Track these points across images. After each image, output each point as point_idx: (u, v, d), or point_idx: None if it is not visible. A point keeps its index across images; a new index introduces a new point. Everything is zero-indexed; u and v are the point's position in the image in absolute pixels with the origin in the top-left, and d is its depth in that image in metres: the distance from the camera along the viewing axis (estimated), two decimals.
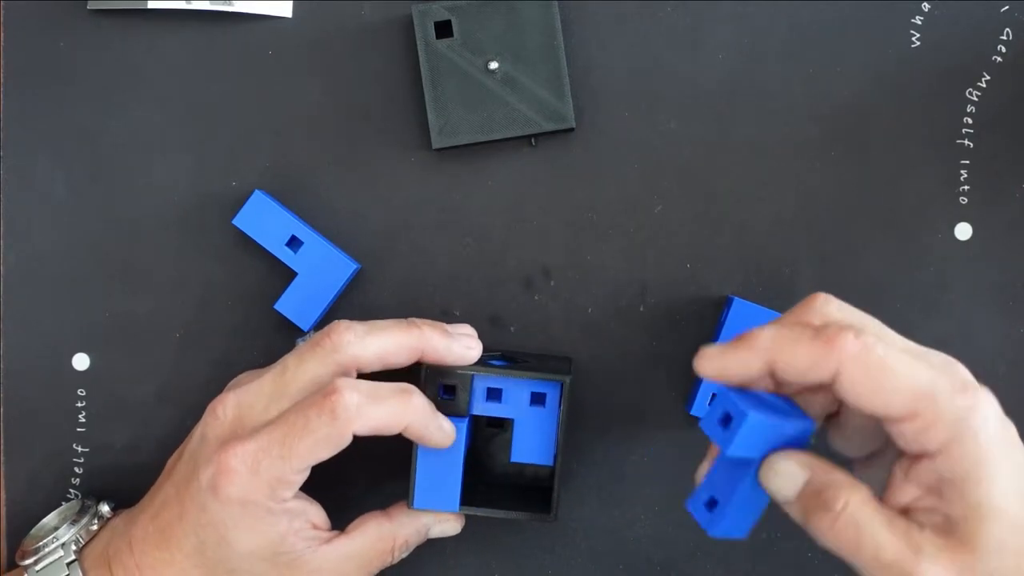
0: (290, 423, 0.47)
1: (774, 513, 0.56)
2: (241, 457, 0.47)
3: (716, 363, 0.45)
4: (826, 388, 0.44)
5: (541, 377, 0.52)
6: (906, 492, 0.43)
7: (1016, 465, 0.42)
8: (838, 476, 0.43)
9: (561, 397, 0.52)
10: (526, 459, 0.53)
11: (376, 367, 0.50)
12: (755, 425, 0.42)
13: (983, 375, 0.56)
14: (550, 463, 0.53)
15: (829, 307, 0.45)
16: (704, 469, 0.46)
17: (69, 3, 0.56)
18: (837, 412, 0.47)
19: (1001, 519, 0.41)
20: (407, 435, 0.49)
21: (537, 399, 0.53)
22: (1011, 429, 0.43)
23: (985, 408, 0.42)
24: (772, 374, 0.44)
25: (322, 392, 0.47)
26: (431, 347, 0.50)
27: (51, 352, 0.57)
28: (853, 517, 0.42)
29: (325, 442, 0.47)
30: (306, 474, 0.48)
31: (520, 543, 0.57)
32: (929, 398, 0.42)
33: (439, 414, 0.50)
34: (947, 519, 0.42)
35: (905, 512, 0.43)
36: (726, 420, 0.43)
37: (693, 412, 0.54)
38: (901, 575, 0.41)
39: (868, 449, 0.47)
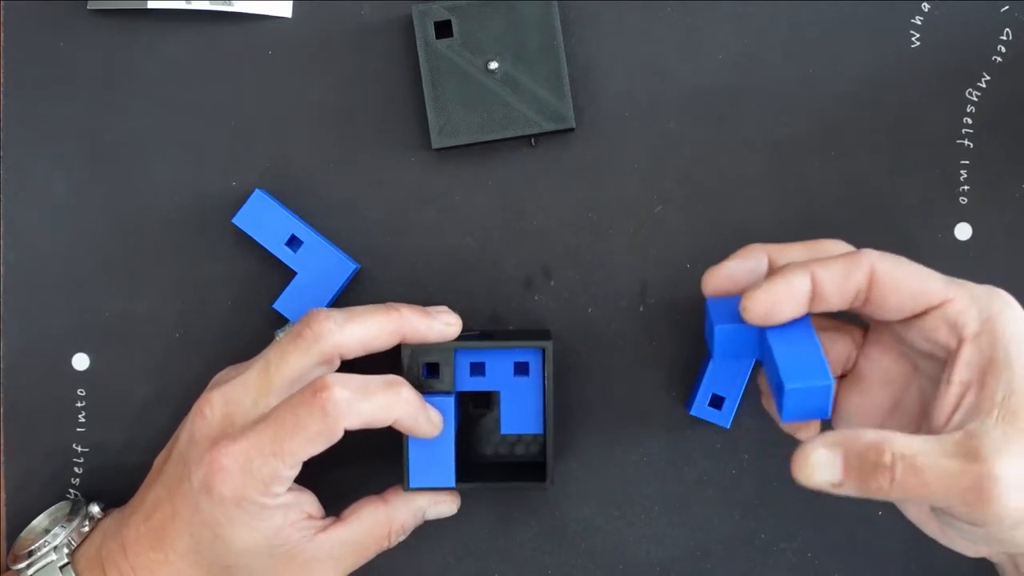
0: (280, 420, 0.47)
1: (774, 514, 0.56)
2: (233, 456, 0.47)
3: (764, 300, 0.45)
4: (849, 333, 0.48)
5: (522, 345, 0.52)
6: (945, 406, 0.44)
7: None
8: (869, 434, 0.42)
9: (544, 363, 0.52)
10: (516, 430, 0.54)
11: (359, 354, 0.50)
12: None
13: None
14: (540, 431, 0.53)
15: (841, 243, 0.49)
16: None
17: (69, 3, 0.56)
18: (853, 367, 0.50)
19: None
20: (396, 427, 0.49)
21: (520, 369, 0.53)
22: None
23: (1004, 293, 0.46)
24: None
25: (311, 388, 0.47)
26: (412, 328, 0.50)
27: (51, 352, 0.57)
28: (907, 462, 0.41)
29: (316, 439, 0.47)
30: (298, 469, 0.48)
31: (520, 543, 0.57)
32: (959, 284, 0.45)
33: (427, 405, 0.50)
34: (1002, 400, 0.43)
35: (950, 426, 0.44)
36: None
37: (693, 412, 0.54)
38: (980, 487, 0.40)
39: (886, 405, 0.49)
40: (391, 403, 0.48)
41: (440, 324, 0.51)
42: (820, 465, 0.42)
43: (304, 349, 0.49)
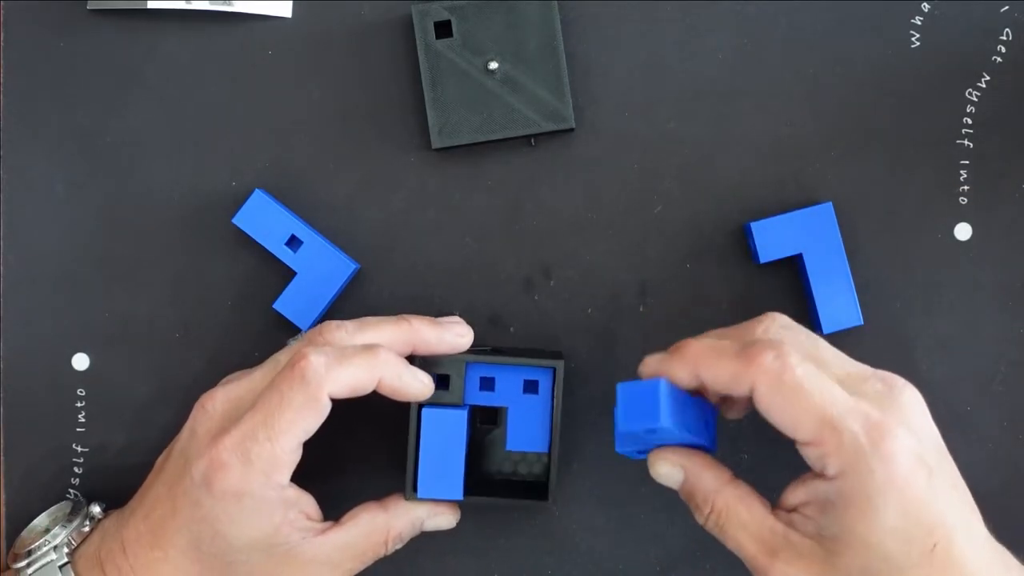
0: (267, 403, 0.47)
1: None
2: (231, 450, 0.47)
3: (652, 369, 0.48)
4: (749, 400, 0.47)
5: (533, 363, 0.52)
6: (797, 496, 0.46)
7: (906, 508, 0.43)
8: (707, 481, 0.48)
9: (554, 383, 0.52)
10: (522, 447, 0.54)
11: None
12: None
13: (983, 375, 0.56)
14: (545, 449, 0.53)
15: (774, 324, 0.48)
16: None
17: (69, 3, 0.56)
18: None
19: (870, 552, 0.44)
20: (384, 391, 0.49)
21: (530, 387, 0.53)
22: (922, 473, 0.44)
23: (892, 448, 0.43)
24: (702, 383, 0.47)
25: (289, 363, 0.48)
26: (422, 339, 0.51)
27: (51, 352, 0.57)
28: (718, 521, 0.47)
29: (303, 411, 0.47)
30: (298, 453, 0.48)
31: (520, 544, 0.57)
32: (834, 429, 0.44)
33: (412, 367, 0.50)
34: (820, 531, 0.45)
35: (791, 511, 0.46)
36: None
37: None
38: (759, 570, 0.46)
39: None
40: (371, 363, 0.48)
41: (451, 336, 0.51)
42: (663, 477, 0.49)
43: None
